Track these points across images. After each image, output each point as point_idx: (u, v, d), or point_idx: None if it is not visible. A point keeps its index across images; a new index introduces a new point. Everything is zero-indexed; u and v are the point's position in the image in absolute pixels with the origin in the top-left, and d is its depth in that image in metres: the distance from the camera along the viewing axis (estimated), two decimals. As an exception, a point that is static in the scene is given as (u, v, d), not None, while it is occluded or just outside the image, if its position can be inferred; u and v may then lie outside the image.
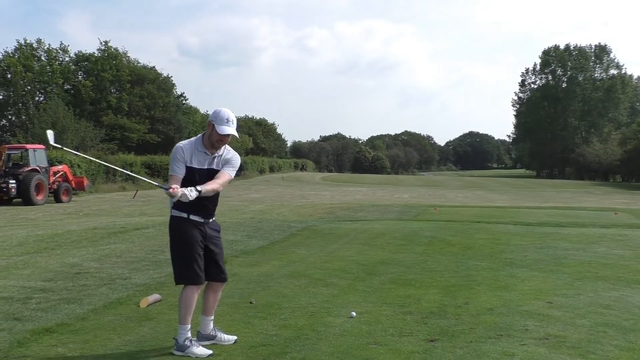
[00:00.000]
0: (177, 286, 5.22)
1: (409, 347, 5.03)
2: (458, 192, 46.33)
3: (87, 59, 59.97)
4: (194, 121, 71.04)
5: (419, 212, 21.52)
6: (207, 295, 5.26)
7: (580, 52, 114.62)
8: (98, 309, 6.37)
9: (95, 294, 7.13)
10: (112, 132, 53.88)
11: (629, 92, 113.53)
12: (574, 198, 39.51)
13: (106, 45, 61.40)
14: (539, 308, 6.44)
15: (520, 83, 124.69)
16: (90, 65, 59.15)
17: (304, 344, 5.11)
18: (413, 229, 14.30)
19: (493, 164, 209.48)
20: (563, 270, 8.87)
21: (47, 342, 5.21)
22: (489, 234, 13.31)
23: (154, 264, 9.31)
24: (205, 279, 5.13)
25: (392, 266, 9.17)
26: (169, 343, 5.17)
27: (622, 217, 19.93)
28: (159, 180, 43.29)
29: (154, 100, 60.81)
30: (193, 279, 5.00)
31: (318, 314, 6.17)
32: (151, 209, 24.29)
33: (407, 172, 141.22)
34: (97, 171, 38.92)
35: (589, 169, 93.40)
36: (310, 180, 66.00)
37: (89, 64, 59.43)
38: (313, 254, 10.47)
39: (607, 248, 11.25)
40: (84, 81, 57.62)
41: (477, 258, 9.99)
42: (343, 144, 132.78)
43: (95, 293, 7.17)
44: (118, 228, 14.23)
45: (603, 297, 6.99)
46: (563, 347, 5.04)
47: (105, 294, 7.10)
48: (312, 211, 22.25)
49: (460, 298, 6.93)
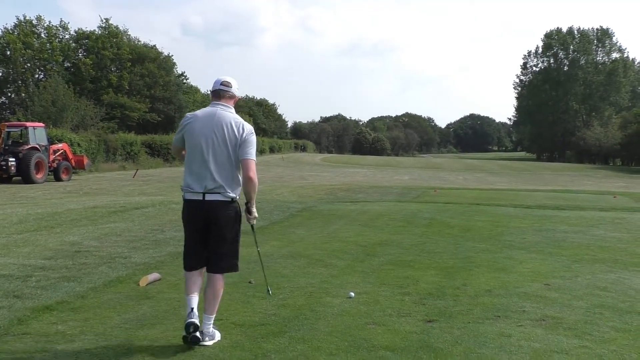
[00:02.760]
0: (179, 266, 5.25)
1: (407, 328, 5.06)
2: (458, 175, 46.38)
3: (88, 36, 59.56)
4: (195, 100, 70.79)
5: (418, 194, 21.56)
6: (205, 288, 4.88)
7: (582, 35, 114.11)
8: (98, 287, 6.40)
9: (95, 272, 7.16)
10: (113, 111, 53.64)
11: (631, 75, 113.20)
12: (574, 181, 39.55)
13: (107, 23, 61.07)
14: (536, 290, 6.47)
15: (522, 66, 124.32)
16: (90, 43, 58.77)
17: (302, 324, 5.14)
18: (412, 211, 14.34)
19: (493, 147, 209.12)
20: (561, 252, 8.91)
21: (47, 319, 5.23)
22: (488, 217, 13.34)
23: (153, 243, 9.34)
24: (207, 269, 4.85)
25: (391, 247, 9.20)
26: (168, 321, 5.20)
27: (621, 201, 19.98)
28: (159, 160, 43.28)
29: (154, 79, 60.53)
30: (184, 263, 4.86)
31: (317, 294, 6.20)
32: (151, 189, 24.32)
33: (408, 154, 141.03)
34: (98, 150, 38.86)
35: (589, 152, 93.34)
36: (310, 161, 66.03)
37: (89, 41, 59.03)
38: (312, 234, 10.50)
39: (605, 231, 11.29)
40: (84, 59, 57.28)
41: (475, 240, 10.02)
42: (344, 125, 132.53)
43: (95, 271, 7.19)
44: (118, 207, 14.26)
45: (600, 280, 7.03)
46: (559, 329, 5.07)
47: (105, 273, 7.13)
48: (312, 192, 22.28)
49: (459, 279, 6.96)
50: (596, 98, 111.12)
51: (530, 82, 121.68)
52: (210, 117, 4.69)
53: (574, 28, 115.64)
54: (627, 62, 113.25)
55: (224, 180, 4.64)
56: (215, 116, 4.69)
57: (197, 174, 4.66)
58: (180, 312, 5.44)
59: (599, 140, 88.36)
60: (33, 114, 40.54)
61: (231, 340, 4.70)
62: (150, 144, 46.59)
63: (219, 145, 4.62)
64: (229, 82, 4.82)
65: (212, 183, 4.61)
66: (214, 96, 4.82)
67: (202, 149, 4.63)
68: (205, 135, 4.63)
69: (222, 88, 4.80)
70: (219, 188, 4.62)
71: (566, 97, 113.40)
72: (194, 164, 4.68)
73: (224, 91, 4.80)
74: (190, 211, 4.75)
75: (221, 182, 4.62)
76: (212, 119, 4.67)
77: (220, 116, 4.68)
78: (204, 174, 4.63)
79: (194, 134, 4.68)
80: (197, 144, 4.65)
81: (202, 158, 4.63)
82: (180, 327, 4.99)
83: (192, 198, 4.70)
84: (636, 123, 73.78)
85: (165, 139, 48.45)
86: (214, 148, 4.63)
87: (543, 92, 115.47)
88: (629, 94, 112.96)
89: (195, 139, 4.67)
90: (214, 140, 4.63)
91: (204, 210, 4.66)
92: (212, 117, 4.68)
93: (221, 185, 4.62)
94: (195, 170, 4.67)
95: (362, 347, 4.58)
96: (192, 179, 4.68)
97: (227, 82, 4.82)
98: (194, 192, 4.67)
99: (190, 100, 68.67)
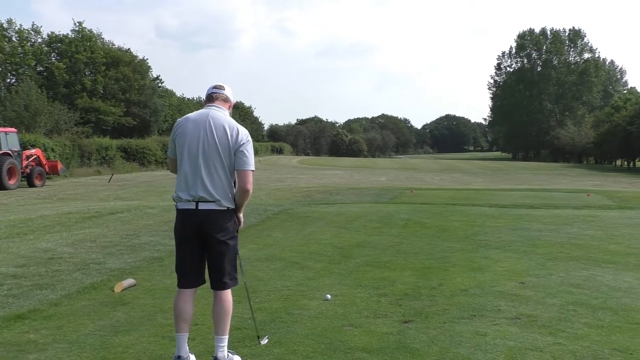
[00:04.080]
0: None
1: (383, 329, 5.07)
2: (434, 175, 46.63)
3: (61, 40, 58.86)
4: (170, 104, 70.39)
5: (395, 195, 21.61)
6: (212, 308, 4.44)
7: (555, 35, 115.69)
8: (71, 295, 6.32)
9: (68, 279, 7.07)
10: (87, 115, 53.07)
11: (602, 75, 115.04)
12: (549, 180, 39.95)
13: (80, 26, 60.38)
14: (511, 288, 6.52)
15: (497, 66, 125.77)
16: (64, 46, 58.09)
17: (278, 327, 5.13)
18: (389, 212, 14.38)
19: (469, 147, 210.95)
20: (536, 251, 9.00)
21: (18, 328, 5.15)
22: (464, 216, 13.43)
23: (128, 248, 9.25)
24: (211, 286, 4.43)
25: (368, 249, 9.22)
26: (144, 327, 5.15)
27: (595, 199, 20.22)
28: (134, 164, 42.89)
29: (129, 83, 60.04)
30: (178, 281, 4.44)
31: (293, 297, 6.18)
32: (127, 193, 24.10)
33: (384, 155, 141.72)
34: (72, 155, 38.42)
35: (564, 151, 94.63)
36: (287, 163, 65.94)
37: (62, 45, 58.37)
38: (289, 237, 10.48)
39: (579, 229, 11.42)
40: (57, 63, 56.61)
41: (452, 240, 10.07)
42: (320, 127, 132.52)
43: (68, 278, 7.10)
44: (93, 212, 14.10)
45: (574, 277, 7.11)
46: (534, 326, 5.12)
47: (79, 279, 7.05)
48: (289, 194, 22.23)
49: (435, 280, 6.99)
50: (569, 97, 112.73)
51: (504, 83, 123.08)
52: (203, 117, 4.33)
53: (547, 29, 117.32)
54: (599, 62, 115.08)
55: (218, 188, 4.24)
56: (208, 116, 4.32)
57: (188, 179, 4.26)
58: (156, 318, 5.40)
59: (572, 139, 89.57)
60: (5, 119, 39.97)
61: (207, 346, 4.66)
62: (125, 148, 46.21)
63: (211, 149, 4.23)
64: (221, 85, 4.56)
65: (204, 191, 4.21)
66: (207, 100, 4.52)
67: (193, 152, 4.25)
68: (197, 136, 4.26)
69: (215, 91, 4.52)
70: (212, 197, 4.22)
71: (540, 97, 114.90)
72: (186, 169, 4.28)
73: (216, 93, 4.50)
74: (183, 222, 4.34)
75: (214, 191, 4.22)
76: (204, 119, 4.31)
77: (213, 117, 4.32)
78: (195, 179, 4.24)
79: (185, 136, 4.29)
80: (188, 146, 4.27)
81: (194, 162, 4.25)
82: (156, 333, 4.96)
83: (184, 207, 4.30)
84: (608, 122, 74.83)
85: (141, 143, 48.11)
86: (206, 152, 4.24)
87: (517, 92, 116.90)
88: (600, 94, 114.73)
89: (186, 140, 4.28)
90: (205, 142, 4.24)
91: (198, 221, 4.25)
92: (204, 118, 4.32)
93: (214, 193, 4.22)
94: (186, 175, 4.27)
95: (339, 349, 4.58)
96: (184, 185, 4.29)
97: (219, 85, 4.56)
98: (185, 200, 4.27)
99: (166, 103, 68.24)
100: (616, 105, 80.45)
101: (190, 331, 4.96)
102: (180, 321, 4.31)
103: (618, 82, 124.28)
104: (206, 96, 4.54)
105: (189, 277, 4.37)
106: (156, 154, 48.37)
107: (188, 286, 4.37)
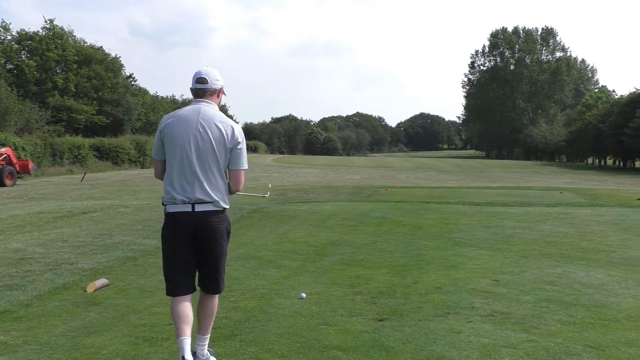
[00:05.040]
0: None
1: (358, 327, 5.07)
2: (409, 173, 46.83)
3: (31, 38, 57.98)
4: (144, 103, 69.76)
5: (370, 193, 21.66)
6: (197, 308, 4.30)
7: (527, 34, 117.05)
8: (43, 295, 6.23)
9: (39, 279, 6.97)
10: (59, 114, 52.39)
11: (574, 74, 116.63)
12: (522, 178, 40.35)
13: (51, 23, 59.57)
14: (485, 286, 6.57)
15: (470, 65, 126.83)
16: (34, 44, 57.23)
17: (253, 326, 5.10)
18: (364, 210, 14.41)
19: (443, 145, 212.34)
20: (510, 248, 9.08)
21: (-12, 329, 5.07)
22: (439, 214, 13.50)
23: (101, 248, 9.15)
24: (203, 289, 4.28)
25: (343, 247, 9.22)
26: (116, 327, 5.09)
27: (567, 196, 20.47)
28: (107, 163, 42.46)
29: (101, 81, 59.36)
30: (168, 289, 4.18)
31: (268, 296, 6.16)
32: (100, 193, 23.84)
33: (359, 153, 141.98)
34: (43, 154, 37.90)
35: (536, 149, 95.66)
36: (261, 162, 65.72)
37: (33, 43, 57.53)
38: (264, 236, 10.45)
39: (552, 226, 11.56)
40: (27, 61, 55.80)
41: (426, 238, 10.12)
42: (295, 125, 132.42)
43: (39, 279, 7.00)
44: (65, 212, 13.94)
45: (547, 274, 7.18)
46: (508, 323, 5.16)
47: (50, 280, 6.95)
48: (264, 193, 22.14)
49: (410, 278, 7.01)
50: (542, 96, 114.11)
51: (478, 81, 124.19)
52: (194, 115, 4.07)
53: (519, 28, 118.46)
54: (570, 61, 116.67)
55: (214, 188, 4.06)
56: (200, 114, 4.06)
57: (183, 181, 4.02)
58: (129, 318, 5.34)
59: (545, 138, 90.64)
60: (-26, 118, 39.34)
61: (181, 345, 4.61)
62: (98, 147, 45.68)
63: (207, 149, 4.02)
64: (204, 79, 4.16)
65: (201, 192, 4.01)
66: (193, 95, 4.23)
67: (186, 153, 4.01)
68: (189, 136, 4.02)
69: (199, 87, 4.18)
70: (210, 197, 4.03)
71: (513, 95, 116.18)
72: (179, 170, 4.03)
73: (201, 90, 4.18)
74: (177, 225, 4.06)
75: (211, 191, 4.04)
76: (195, 117, 4.06)
77: (205, 114, 4.07)
78: (191, 181, 4.01)
79: (175, 137, 4.04)
80: (181, 147, 4.02)
81: (188, 163, 4.01)
82: (129, 334, 4.90)
83: (178, 210, 4.03)
84: (580, 120, 75.84)
85: (114, 141, 47.58)
86: (200, 151, 4.01)
87: (491, 91, 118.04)
88: (572, 92, 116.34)
89: (177, 141, 4.04)
90: (199, 142, 4.01)
91: (194, 224, 4.03)
92: (195, 116, 4.06)
93: (212, 194, 4.04)
94: (180, 177, 4.03)
95: (314, 347, 4.57)
96: (177, 187, 4.03)
97: (202, 78, 4.16)
98: (180, 203, 4.01)
99: (140, 102, 67.65)
100: (587, 104, 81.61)
101: (164, 331, 4.92)
102: (181, 323, 4.06)
103: (589, 81, 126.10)
104: (192, 91, 4.23)
105: (180, 285, 4.13)
106: (130, 153, 47.89)
107: (180, 293, 4.13)
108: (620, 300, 5.97)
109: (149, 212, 13.92)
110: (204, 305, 4.27)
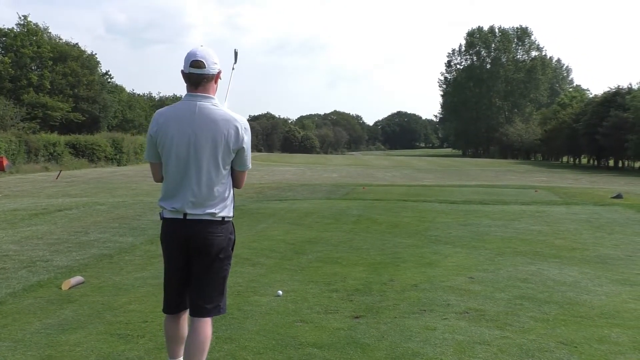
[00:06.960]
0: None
1: (334, 324, 5.09)
2: (386, 172, 47.01)
3: (5, 34, 57.21)
4: (120, 100, 69.21)
5: (347, 192, 21.71)
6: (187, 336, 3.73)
7: (503, 34, 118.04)
8: (17, 293, 6.17)
9: (14, 277, 6.89)
10: (34, 111, 51.77)
11: (549, 73, 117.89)
12: (498, 176, 40.71)
13: (26, 20, 58.81)
14: (460, 283, 6.63)
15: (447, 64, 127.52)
16: (8, 41, 56.46)
17: (229, 323, 5.10)
18: (341, 208, 14.44)
19: (420, 144, 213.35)
20: (485, 246, 9.17)
21: (-39, 328, 5.01)
22: (415, 212, 13.58)
23: (76, 245, 9.07)
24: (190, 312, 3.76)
25: (320, 245, 9.24)
26: (91, 325, 5.06)
27: (542, 195, 20.69)
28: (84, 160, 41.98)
29: (77, 78, 58.76)
30: (163, 304, 3.83)
31: (245, 294, 6.16)
32: (75, 190, 23.60)
33: (337, 151, 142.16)
34: (18, 151, 37.43)
35: (512, 147, 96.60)
36: (239, 159, 65.44)
37: (7, 39, 56.77)
38: (241, 233, 10.40)
39: (527, 224, 11.68)
40: (2, 57, 55.03)
41: (402, 236, 10.18)
42: (272, 123, 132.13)
43: (14, 276, 6.92)
44: (40, 209, 13.78)
45: (521, 272, 7.26)
46: (482, 320, 5.21)
47: (25, 277, 6.88)
48: (241, 191, 22.01)
49: (386, 275, 7.05)
50: (517, 95, 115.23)
51: (454, 80, 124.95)
52: (189, 115, 3.54)
53: (495, 27, 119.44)
54: (545, 60, 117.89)
55: (213, 194, 3.60)
56: (196, 115, 3.53)
57: (177, 186, 3.60)
58: (104, 316, 5.31)
59: (520, 136, 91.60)
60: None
61: (157, 343, 4.61)
62: (74, 144, 45.15)
63: (207, 151, 3.54)
64: (201, 62, 3.51)
65: (195, 198, 3.56)
66: (186, 82, 3.60)
67: (182, 156, 3.55)
68: (185, 137, 3.52)
69: (194, 72, 3.53)
70: (206, 205, 3.59)
71: (489, 94, 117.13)
72: (174, 175, 3.60)
73: (196, 76, 3.54)
74: (170, 234, 3.67)
75: (208, 199, 3.58)
76: (192, 118, 3.53)
77: (203, 111, 3.54)
78: (186, 186, 3.57)
79: (169, 138, 3.56)
80: (176, 149, 3.56)
81: (183, 167, 3.56)
82: (104, 331, 4.87)
83: (171, 217, 3.63)
84: (555, 119, 76.68)
85: (90, 139, 47.06)
86: (199, 154, 3.54)
87: (467, 89, 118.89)
88: (547, 91, 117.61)
89: (172, 146, 3.56)
90: (197, 144, 3.52)
91: (186, 233, 3.59)
92: (191, 117, 3.54)
93: (208, 201, 3.59)
94: (175, 182, 3.60)
95: (290, 345, 4.58)
96: (172, 192, 3.62)
97: (198, 61, 3.51)
98: (173, 210, 3.60)
99: (116, 99, 67.13)
100: (562, 103, 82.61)
101: (140, 329, 4.90)
102: (170, 343, 3.80)
103: (564, 80, 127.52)
104: (185, 76, 3.59)
105: (172, 301, 3.75)
106: (106, 150, 47.43)
107: (171, 311, 3.76)
108: (593, 297, 6.06)
109: (124, 209, 13.82)
110: (192, 332, 3.65)
